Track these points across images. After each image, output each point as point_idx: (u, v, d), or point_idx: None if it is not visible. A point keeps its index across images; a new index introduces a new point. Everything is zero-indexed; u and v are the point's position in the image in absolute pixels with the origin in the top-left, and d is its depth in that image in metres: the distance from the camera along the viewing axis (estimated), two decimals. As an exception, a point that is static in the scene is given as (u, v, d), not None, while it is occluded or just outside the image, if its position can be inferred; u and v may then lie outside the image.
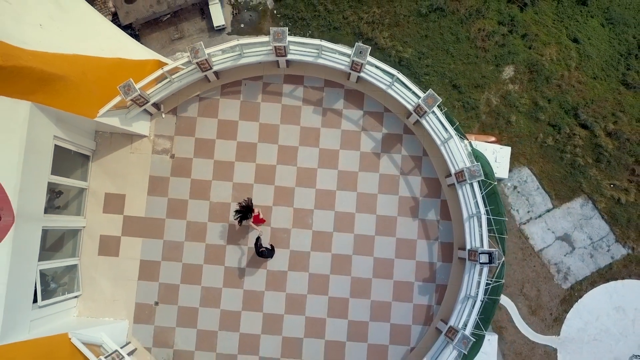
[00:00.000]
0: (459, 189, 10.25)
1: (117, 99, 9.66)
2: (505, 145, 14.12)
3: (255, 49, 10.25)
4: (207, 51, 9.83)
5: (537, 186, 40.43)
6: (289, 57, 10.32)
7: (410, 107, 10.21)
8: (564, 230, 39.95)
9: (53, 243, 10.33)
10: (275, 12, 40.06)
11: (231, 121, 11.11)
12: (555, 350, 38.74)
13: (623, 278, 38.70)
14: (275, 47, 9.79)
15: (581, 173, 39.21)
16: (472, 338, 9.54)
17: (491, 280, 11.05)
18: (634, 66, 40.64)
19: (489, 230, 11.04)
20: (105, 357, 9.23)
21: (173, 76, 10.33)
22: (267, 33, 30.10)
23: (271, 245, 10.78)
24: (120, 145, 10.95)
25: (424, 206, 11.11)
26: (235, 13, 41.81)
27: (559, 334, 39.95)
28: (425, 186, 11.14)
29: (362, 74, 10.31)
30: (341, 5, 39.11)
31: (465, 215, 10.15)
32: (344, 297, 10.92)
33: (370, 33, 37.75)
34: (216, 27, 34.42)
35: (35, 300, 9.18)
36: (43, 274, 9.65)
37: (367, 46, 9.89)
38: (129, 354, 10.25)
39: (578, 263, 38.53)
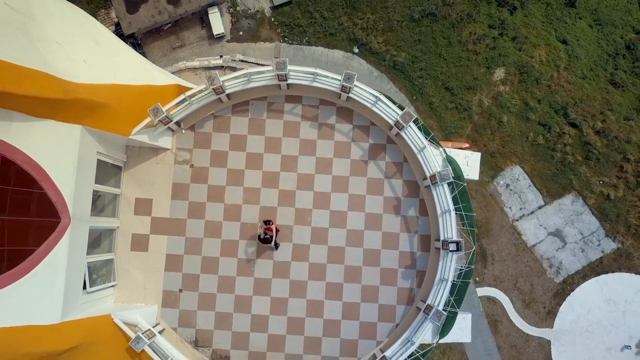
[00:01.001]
0: (433, 189, 12.40)
1: (147, 120, 11.80)
2: (476, 151, 16.21)
3: (260, 75, 12.38)
4: (221, 79, 11.98)
5: (529, 184, 42.75)
6: (289, 81, 12.46)
7: (391, 122, 12.35)
8: (555, 226, 42.28)
9: (93, 241, 12.46)
10: (272, 19, 42.31)
11: (241, 135, 13.26)
12: (549, 342, 41.07)
13: (613, 271, 41.04)
14: (277, 74, 11.94)
15: (571, 170, 41.56)
16: (444, 312, 11.69)
17: (463, 267, 13.24)
18: (621, 66, 43.03)
19: (462, 224, 13.25)
20: (142, 334, 11.39)
21: (192, 99, 12.48)
22: (265, 40, 32.19)
23: (269, 237, 12.93)
24: (147, 157, 13.10)
25: (405, 205, 13.27)
26: (234, 21, 44.12)
27: (552, 327, 42.28)
28: (406, 187, 13.29)
29: (350, 95, 12.45)
30: (336, 12, 41.41)
31: (439, 211, 12.29)
32: (339, 282, 13.07)
33: (365, 38, 40.04)
34: (216, 35, 36.91)
35: (84, 287, 11.34)
36: (88, 266, 11.79)
37: (353, 73, 12.03)
38: (159, 332, 12.39)
39: (570, 257, 40.85)
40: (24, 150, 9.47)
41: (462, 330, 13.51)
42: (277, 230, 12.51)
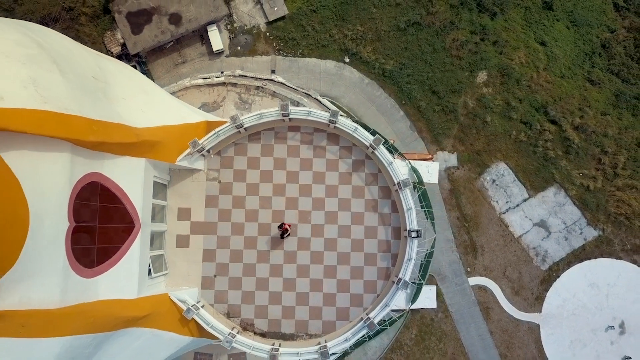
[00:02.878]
0: (400, 193, 17.22)
1: (188, 150, 16.63)
2: (435, 161, 21.01)
3: (269, 114, 17.17)
4: (241, 118, 16.78)
5: (514, 178, 48.30)
6: (291, 116, 17.29)
7: (367, 144, 17.17)
8: (540, 217, 47.78)
9: (150, 241, 17.30)
10: (268, 34, 47.88)
11: (255, 157, 18.09)
12: (538, 325, 46.62)
13: (595, 257, 46.51)
14: (282, 113, 16.75)
15: (552, 164, 47.04)
16: (410, 282, 16.55)
17: (427, 250, 18.13)
18: (598, 64, 48.47)
19: (426, 217, 18.14)
20: (192, 306, 16.23)
21: (219, 132, 17.28)
22: (261, 54, 37.29)
23: (288, 231, 17.76)
24: (185, 176, 17.91)
25: (381, 204, 18.11)
26: (232, 37, 49.72)
27: (540, 311, 47.91)
28: (381, 192, 18.14)
29: (336, 125, 17.26)
30: (327, 25, 46.90)
31: (404, 208, 17.11)
32: (333, 264, 17.91)
33: (355, 48, 45.53)
34: (215, 51, 42.63)
35: (149, 274, 16.18)
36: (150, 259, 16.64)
37: (337, 110, 16.84)
38: (201, 307, 17.23)
39: (554, 246, 46.28)
40: (111, 178, 14.26)
41: (429, 299, 18.33)
42: (289, 226, 17.38)
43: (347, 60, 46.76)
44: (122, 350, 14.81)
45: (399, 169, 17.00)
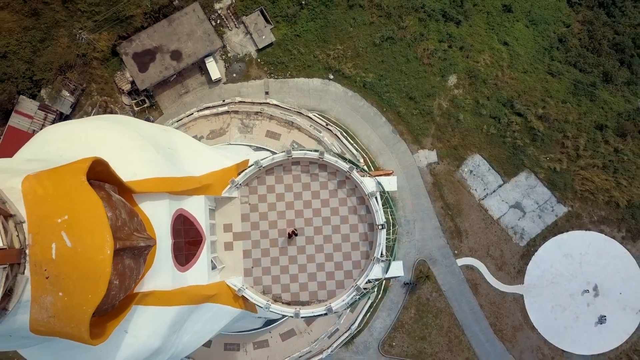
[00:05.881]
0: (370, 200, 28.03)
1: (229, 186, 27.32)
2: (393, 175, 31.70)
3: (279, 157, 27.78)
4: (260, 161, 27.51)
5: (489, 168, 60.54)
6: (293, 156, 28.02)
7: (345, 170, 27.92)
8: (515, 199, 59.96)
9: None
10: (259, 60, 60.55)
11: (272, 185, 28.68)
12: (521, 296, 59.08)
13: (567, 231, 58.78)
14: (287, 156, 27.51)
15: (522, 152, 59.25)
16: (381, 258, 27.36)
17: (392, 236, 29.09)
18: (556, 57, 60.48)
19: (392, 217, 29.13)
20: (242, 288, 27.08)
21: (246, 172, 27.99)
22: (255, 78, 50.18)
23: (296, 233, 28.57)
24: (226, 202, 28.49)
25: (359, 209, 28.81)
26: (227, 66, 62.27)
27: (523, 283, 60.54)
28: (358, 200, 28.78)
29: (324, 159, 27.99)
30: (311, 47, 58.99)
31: (374, 210, 27.84)
32: (330, 252, 28.44)
33: (337, 66, 57.74)
34: (214, 79, 55.48)
35: (213, 268, 27.00)
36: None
37: (324, 150, 27.59)
38: (246, 288, 28.09)
39: (530, 224, 58.42)
40: (189, 210, 24.98)
41: (397, 270, 29.23)
42: (296, 229, 28.23)
43: (331, 76, 59.30)
44: (200, 319, 25.64)
45: (368, 184, 27.82)
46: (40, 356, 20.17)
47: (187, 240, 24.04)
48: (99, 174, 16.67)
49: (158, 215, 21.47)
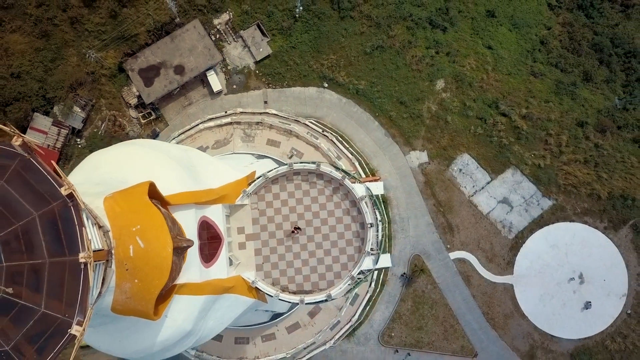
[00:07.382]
0: (361, 202, 34.58)
1: (241, 195, 33.88)
2: (380, 181, 38.31)
3: (283, 169, 34.34)
4: (267, 174, 34.06)
5: (477, 166, 67.96)
6: (295, 168, 34.56)
7: (339, 178, 34.50)
8: (502, 195, 67.45)
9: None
10: (257, 71, 68.13)
11: (277, 192, 35.10)
12: (511, 285, 66.76)
13: (553, 223, 66.34)
14: (290, 168, 34.05)
15: (507, 150, 66.62)
16: (371, 252, 33.95)
17: (382, 233, 35.81)
18: (539, 59, 67.95)
19: (381, 216, 35.87)
20: (255, 280, 33.71)
21: (256, 181, 34.52)
22: (254, 89, 58.01)
23: (299, 229, 35.09)
24: (238, 208, 34.88)
25: (352, 210, 35.29)
26: (228, 78, 69.90)
27: (512, 273, 68.34)
28: (351, 203, 35.27)
29: (320, 169, 34.55)
30: (306, 58, 66.50)
31: (364, 211, 34.41)
32: (328, 248, 34.87)
33: (331, 74, 65.31)
34: (215, 91, 62.92)
35: (230, 264, 33.60)
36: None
37: (320, 161, 34.20)
38: (257, 281, 34.71)
39: (517, 218, 65.85)
40: (210, 217, 31.51)
41: (386, 261, 35.78)
42: (299, 227, 34.82)
43: (326, 85, 66.61)
44: (221, 307, 32.23)
45: (358, 190, 34.46)
46: (96, 338, 26.67)
47: (209, 241, 30.63)
48: (149, 192, 23.26)
49: (188, 222, 27.98)
